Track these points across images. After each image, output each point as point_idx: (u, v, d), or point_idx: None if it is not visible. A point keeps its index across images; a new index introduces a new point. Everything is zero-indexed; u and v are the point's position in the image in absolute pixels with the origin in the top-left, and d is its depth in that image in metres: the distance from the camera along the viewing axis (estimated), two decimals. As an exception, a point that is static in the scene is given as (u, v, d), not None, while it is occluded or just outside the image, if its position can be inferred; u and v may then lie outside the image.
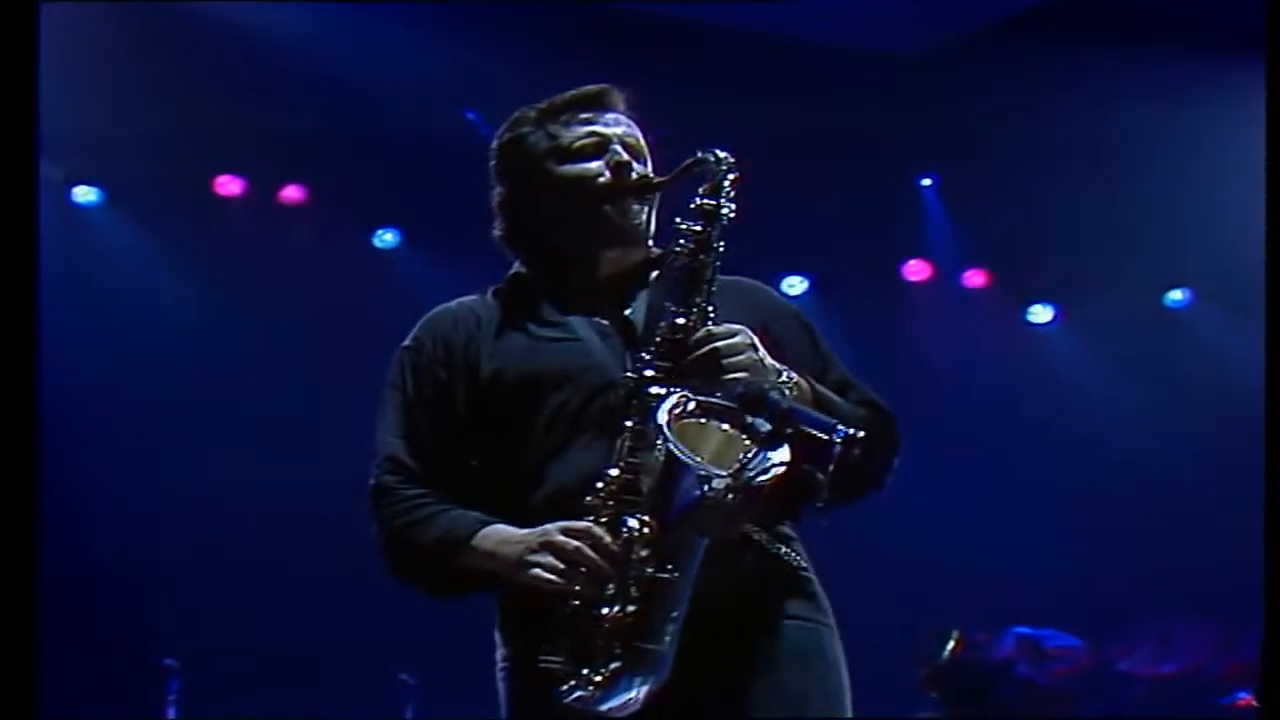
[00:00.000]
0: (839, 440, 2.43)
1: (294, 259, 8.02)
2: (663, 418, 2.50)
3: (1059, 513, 8.16)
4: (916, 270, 8.89)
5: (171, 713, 6.65)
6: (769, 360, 2.64)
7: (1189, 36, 7.26)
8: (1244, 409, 8.43)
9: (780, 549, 2.75)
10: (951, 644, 6.74)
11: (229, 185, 8.00)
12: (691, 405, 2.55)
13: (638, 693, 2.51)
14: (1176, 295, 9.02)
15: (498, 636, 2.82)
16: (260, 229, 8.02)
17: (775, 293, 3.00)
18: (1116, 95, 7.60)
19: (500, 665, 2.82)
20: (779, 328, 2.82)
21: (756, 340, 2.64)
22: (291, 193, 8.11)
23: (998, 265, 8.96)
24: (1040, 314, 9.13)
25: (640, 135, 2.93)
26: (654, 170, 2.91)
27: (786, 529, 2.78)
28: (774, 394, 2.53)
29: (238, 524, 7.55)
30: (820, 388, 2.72)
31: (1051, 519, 8.12)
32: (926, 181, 8.61)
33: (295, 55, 7.18)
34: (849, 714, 2.73)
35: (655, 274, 2.87)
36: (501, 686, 2.82)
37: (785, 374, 2.64)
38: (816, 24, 7.40)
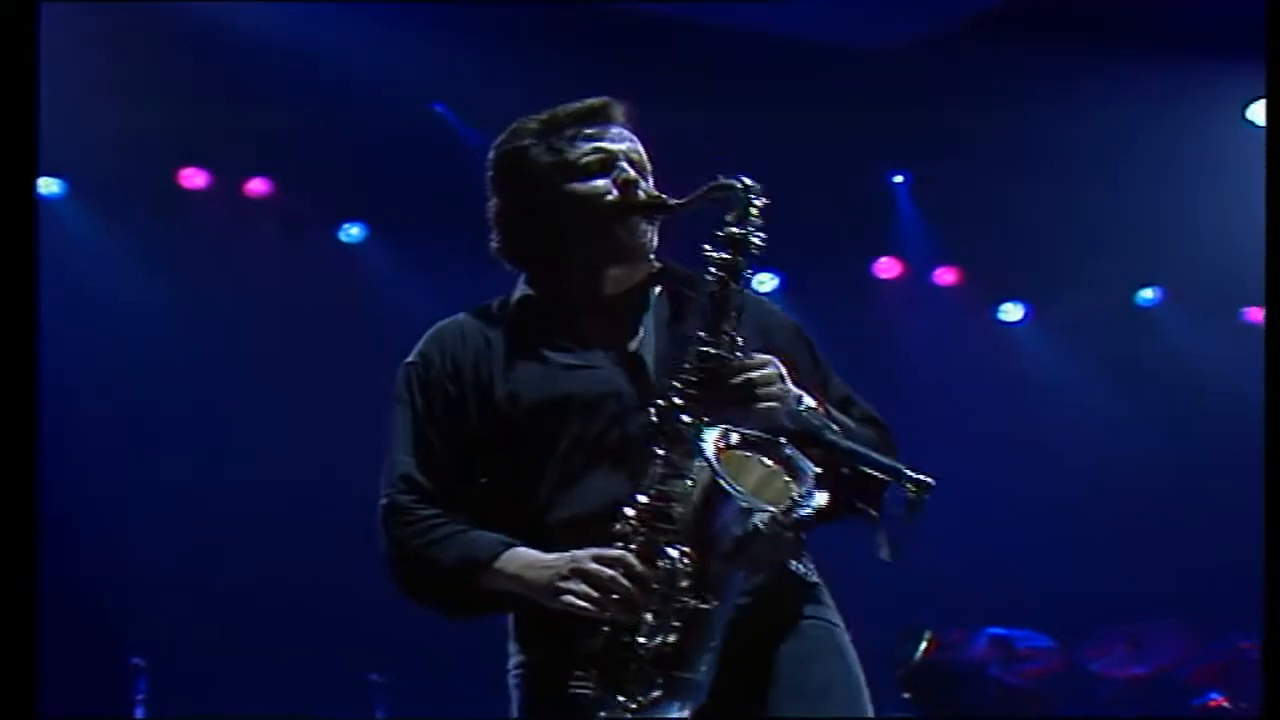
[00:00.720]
0: (908, 485, 2.49)
1: (259, 253, 7.95)
2: (709, 450, 2.52)
3: (1030, 512, 8.15)
4: (887, 268, 8.87)
5: (139, 712, 6.58)
6: (794, 389, 2.65)
7: (1159, 38, 7.25)
8: (1214, 408, 8.51)
9: (793, 563, 2.77)
10: (924, 644, 6.71)
11: (193, 178, 7.92)
12: (735, 438, 2.58)
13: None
14: (1147, 294, 9.04)
15: (512, 645, 2.82)
16: (225, 222, 7.94)
17: (776, 307, 3.00)
18: (1088, 95, 7.60)
19: (514, 671, 2.81)
20: (781, 343, 2.81)
21: (784, 370, 2.66)
22: (257, 186, 8.02)
23: (968, 263, 8.94)
24: (1011, 312, 9.13)
25: (642, 149, 2.92)
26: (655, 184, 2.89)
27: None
28: (829, 432, 2.58)
29: (205, 521, 7.48)
30: (833, 411, 2.73)
31: (1022, 518, 8.11)
32: (898, 178, 8.59)
33: (261, 47, 7.11)
34: (869, 709, 2.76)
35: (659, 289, 2.88)
36: (516, 692, 2.81)
37: (806, 400, 2.66)
38: (789, 20, 7.37)
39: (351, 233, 8.34)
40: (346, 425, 7.90)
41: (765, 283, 8.47)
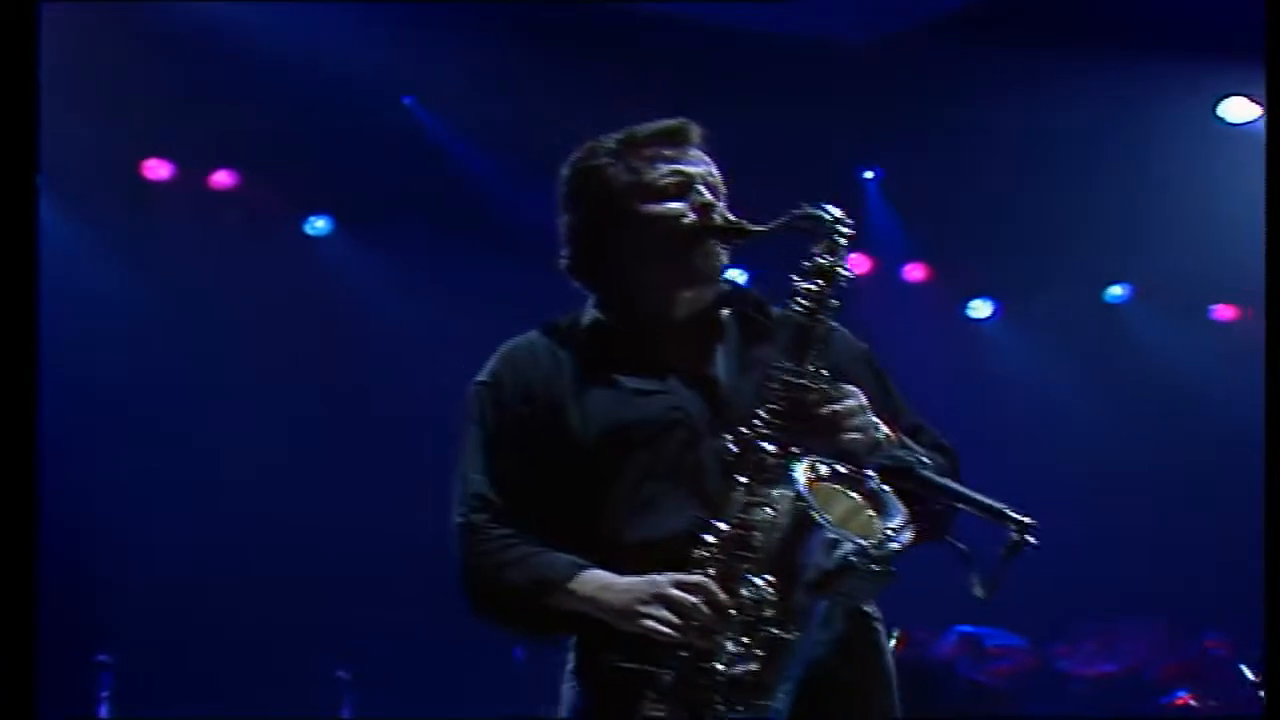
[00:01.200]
0: (1012, 526, 2.50)
1: (224, 245, 7.88)
2: (802, 482, 2.53)
3: (998, 508, 8.12)
4: (856, 264, 8.84)
5: (104, 711, 6.52)
6: (876, 421, 2.67)
7: (1132, 36, 7.24)
8: (1182, 404, 8.54)
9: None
10: (893, 642, 6.67)
11: (158, 169, 7.85)
12: (823, 470, 2.58)
13: None
14: (1116, 291, 9.05)
15: (573, 656, 2.81)
16: (190, 214, 7.87)
17: (847, 333, 2.97)
18: (1058, 92, 7.58)
19: (575, 684, 2.81)
20: (853, 371, 2.82)
21: (866, 401, 2.67)
22: (222, 178, 7.97)
23: (937, 259, 8.93)
24: (980, 309, 9.12)
25: (717, 172, 2.90)
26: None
27: None
28: (922, 467, 2.60)
29: (170, 515, 7.42)
30: (906, 440, 2.75)
31: (991, 515, 8.08)
32: (868, 174, 8.57)
33: (228, 38, 7.03)
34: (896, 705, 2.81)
35: (727, 311, 2.88)
36: (571, 691, 2.81)
37: (885, 432, 2.67)
38: (760, 13, 7.33)
39: (317, 225, 8.30)
40: (312, 417, 7.88)
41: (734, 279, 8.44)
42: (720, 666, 2.55)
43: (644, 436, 2.74)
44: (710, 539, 2.62)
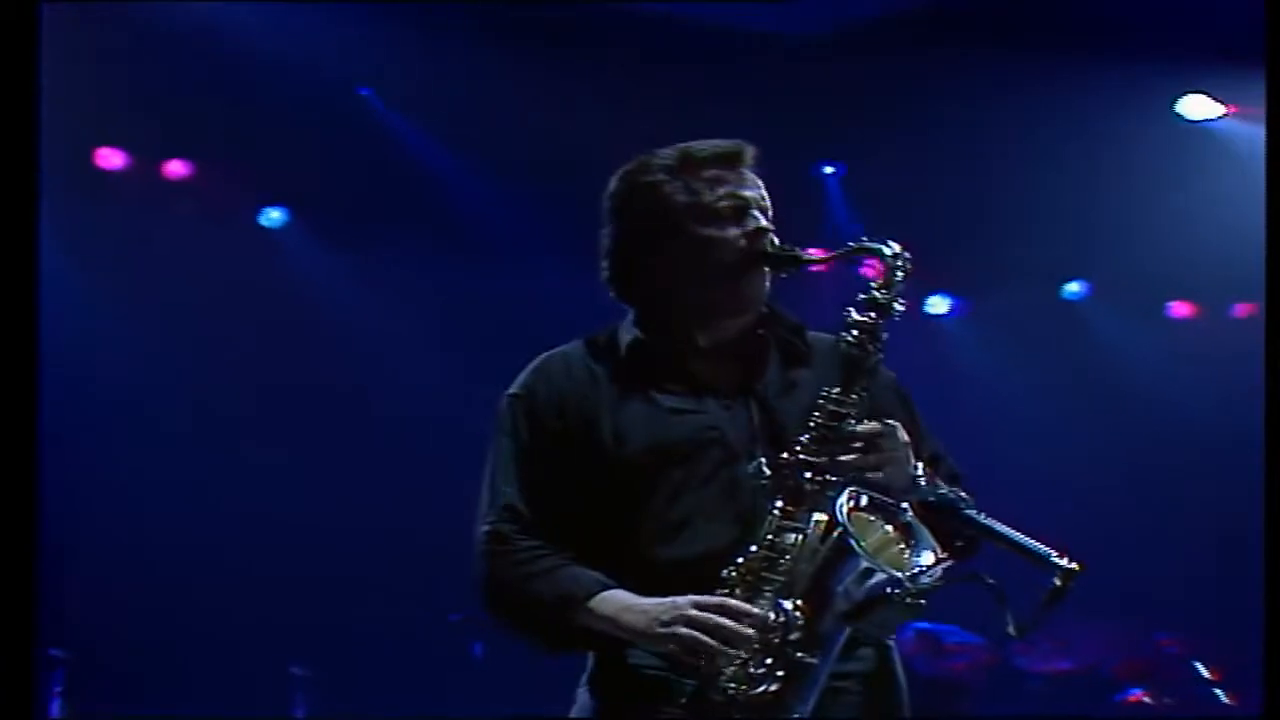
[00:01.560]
0: (1056, 573, 2.53)
1: (177, 236, 7.80)
2: (843, 512, 2.57)
3: (954, 505, 8.12)
4: (811, 255, 8.80)
5: (55, 708, 6.45)
6: (913, 459, 2.71)
7: (1092, 33, 7.25)
8: (1138, 401, 8.56)
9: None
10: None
11: (110, 158, 7.76)
12: (863, 500, 2.62)
13: None
14: (1073, 288, 9.06)
15: (592, 661, 2.83)
16: (143, 204, 7.78)
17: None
18: (1017, 90, 7.57)
19: (590, 689, 2.82)
20: (884, 401, 2.84)
21: (906, 438, 2.71)
22: (176, 168, 7.88)
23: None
24: (938, 305, 9.12)
25: (767, 196, 2.91)
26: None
27: None
28: (967, 508, 2.63)
29: (122, 510, 7.35)
30: (938, 481, 2.76)
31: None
32: (829, 169, 8.55)
33: (182, 25, 6.96)
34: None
35: (764, 333, 2.89)
36: (587, 694, 2.81)
37: (922, 470, 2.71)
38: (718, 7, 7.30)
39: (272, 216, 8.23)
40: (267, 409, 7.81)
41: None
42: (740, 686, 2.58)
43: (679, 455, 2.76)
44: (740, 560, 2.65)
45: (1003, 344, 8.89)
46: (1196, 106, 7.94)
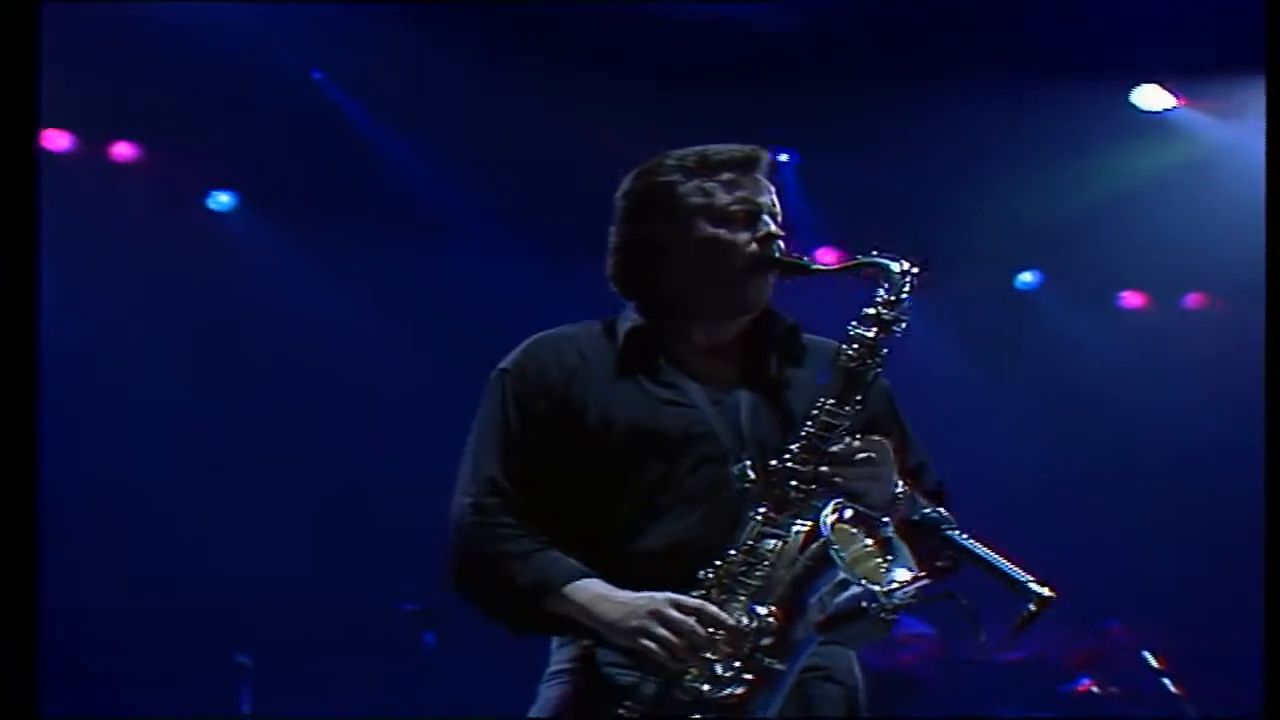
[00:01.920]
0: (1031, 600, 2.55)
1: (124, 219, 7.72)
2: (828, 522, 2.59)
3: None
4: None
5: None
6: (897, 478, 2.74)
7: (1049, 25, 7.28)
8: (1092, 390, 8.58)
9: None
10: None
11: (56, 140, 7.66)
12: (849, 514, 2.63)
13: None
14: (1026, 278, 9.07)
15: (558, 655, 2.82)
16: (89, 187, 7.68)
17: None
18: (971, 80, 7.57)
19: (555, 680, 2.80)
20: (875, 408, 2.84)
21: (893, 455, 2.74)
22: (123, 150, 7.81)
23: (849, 244, 8.87)
24: (891, 294, 9.09)
25: (778, 203, 2.93)
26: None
27: None
28: (949, 529, 2.66)
29: (63, 498, 7.24)
30: (918, 498, 2.79)
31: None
32: (784, 158, 8.52)
33: (130, 4, 6.87)
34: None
35: (761, 336, 2.91)
36: (551, 690, 2.80)
37: (904, 489, 2.75)
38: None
39: (221, 200, 8.16)
40: (214, 397, 7.74)
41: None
42: (706, 687, 2.60)
43: (665, 446, 2.76)
44: (719, 562, 2.66)
45: (955, 333, 8.90)
46: (1151, 97, 7.96)
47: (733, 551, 2.66)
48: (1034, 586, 2.57)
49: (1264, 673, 3.17)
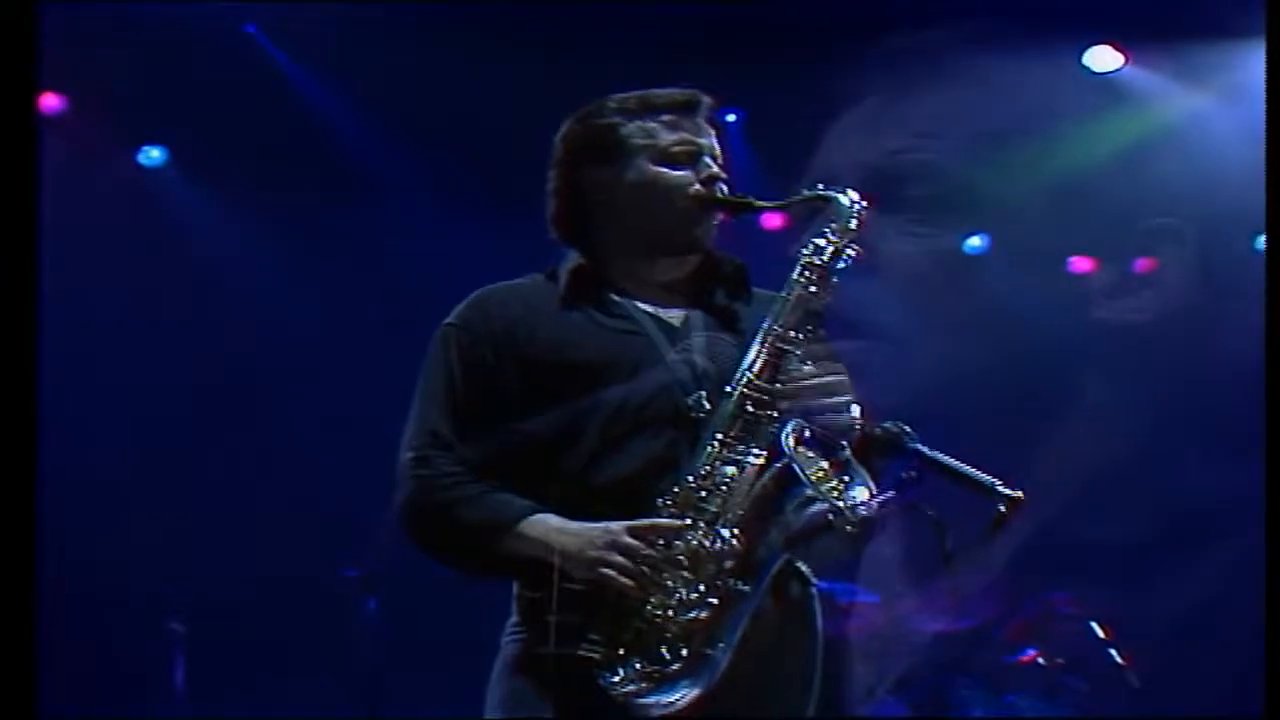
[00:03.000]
0: (1000, 502, 2.62)
1: (49, 174, 7.46)
2: (789, 444, 2.63)
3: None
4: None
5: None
6: (855, 402, 2.76)
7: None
8: (1037, 354, 8.54)
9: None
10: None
11: (-23, 91, 7.44)
12: (808, 434, 2.68)
13: (683, 696, 2.60)
14: (974, 242, 9.04)
15: (516, 605, 2.83)
16: (12, 139, 7.47)
17: None
18: (920, 40, 7.48)
19: (514, 632, 2.82)
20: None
21: (849, 380, 2.77)
22: (49, 101, 7.58)
23: (796, 208, 8.79)
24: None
25: (718, 145, 2.98)
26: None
27: None
28: (912, 441, 2.71)
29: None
30: (882, 423, 2.82)
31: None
32: (730, 118, 8.41)
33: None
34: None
35: (707, 271, 2.96)
36: (511, 648, 2.81)
37: (861, 415, 2.76)
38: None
39: (151, 155, 8.03)
40: (142, 358, 7.56)
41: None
42: (669, 613, 2.61)
43: (620, 374, 2.78)
44: (676, 489, 2.69)
45: (901, 297, 8.83)
46: (1102, 58, 7.89)
47: (690, 479, 2.69)
48: (1002, 489, 2.64)
49: (1264, 672, 3.16)
